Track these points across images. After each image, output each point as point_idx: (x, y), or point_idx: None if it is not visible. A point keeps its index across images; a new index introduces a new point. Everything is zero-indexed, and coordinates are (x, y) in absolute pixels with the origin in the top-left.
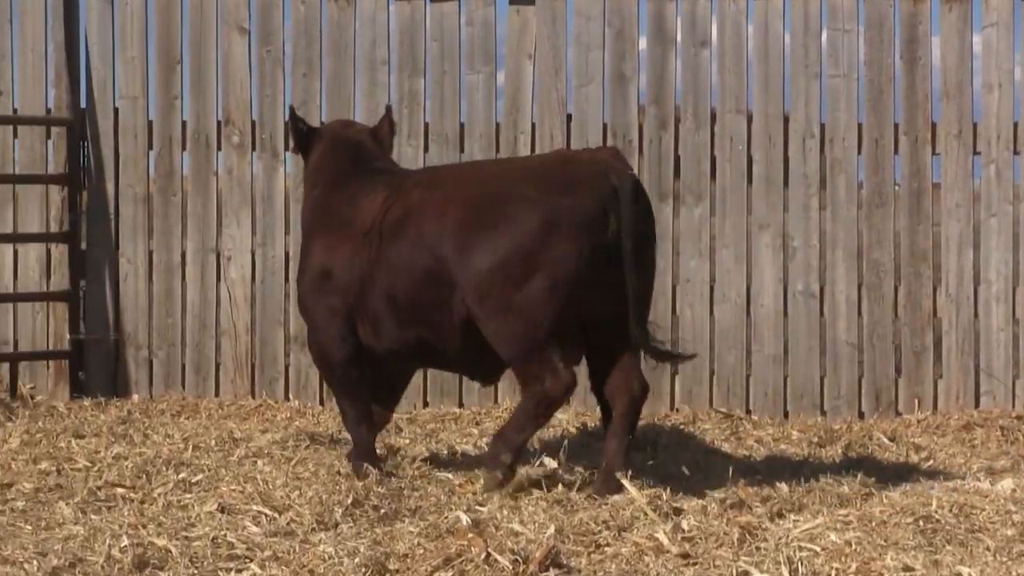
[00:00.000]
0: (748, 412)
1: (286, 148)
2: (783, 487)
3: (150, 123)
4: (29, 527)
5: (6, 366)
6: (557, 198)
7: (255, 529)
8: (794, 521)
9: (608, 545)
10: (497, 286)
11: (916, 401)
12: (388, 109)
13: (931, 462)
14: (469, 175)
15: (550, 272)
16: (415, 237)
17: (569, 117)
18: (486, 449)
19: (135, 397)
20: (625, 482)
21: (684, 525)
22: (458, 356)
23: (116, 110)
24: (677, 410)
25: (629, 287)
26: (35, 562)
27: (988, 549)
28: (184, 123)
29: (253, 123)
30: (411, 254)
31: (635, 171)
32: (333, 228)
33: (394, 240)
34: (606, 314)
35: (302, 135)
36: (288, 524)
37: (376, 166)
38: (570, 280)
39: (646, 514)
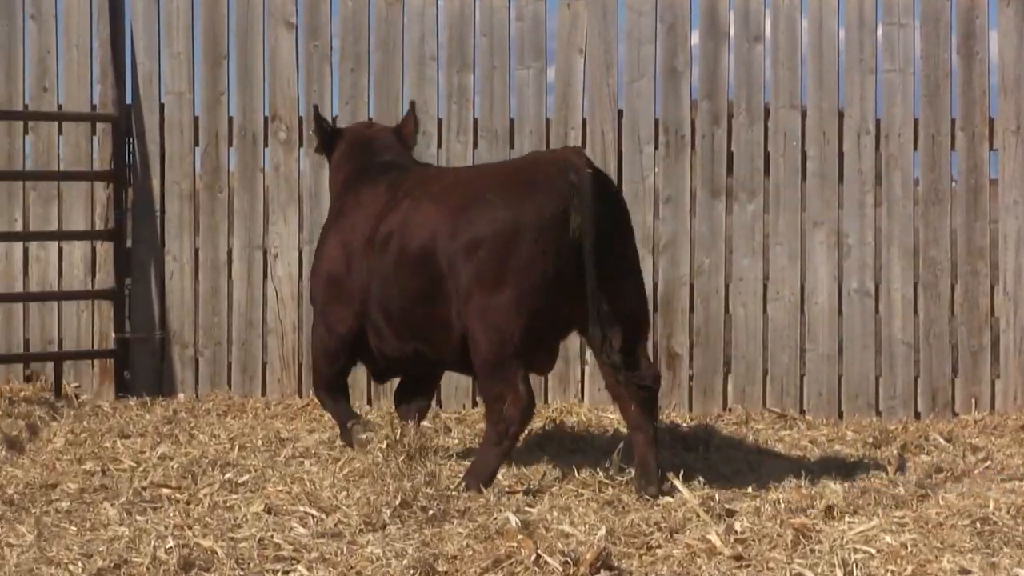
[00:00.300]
0: (802, 412)
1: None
2: (837, 488)
3: (196, 119)
4: (74, 528)
5: (51, 365)
6: (519, 202)
7: (302, 530)
8: (849, 523)
9: (660, 547)
10: (473, 295)
11: (973, 401)
12: (412, 105)
13: (988, 463)
14: (451, 182)
15: (519, 276)
16: (398, 252)
17: (620, 113)
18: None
19: (181, 396)
20: (677, 483)
21: (737, 527)
22: (457, 364)
23: (162, 106)
24: (730, 410)
25: (588, 285)
26: (80, 563)
27: None
28: (231, 119)
29: (300, 119)
30: (397, 269)
31: (601, 168)
32: (343, 231)
33: (384, 253)
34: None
35: (325, 136)
36: (335, 525)
37: (390, 163)
38: (540, 282)
39: (698, 515)
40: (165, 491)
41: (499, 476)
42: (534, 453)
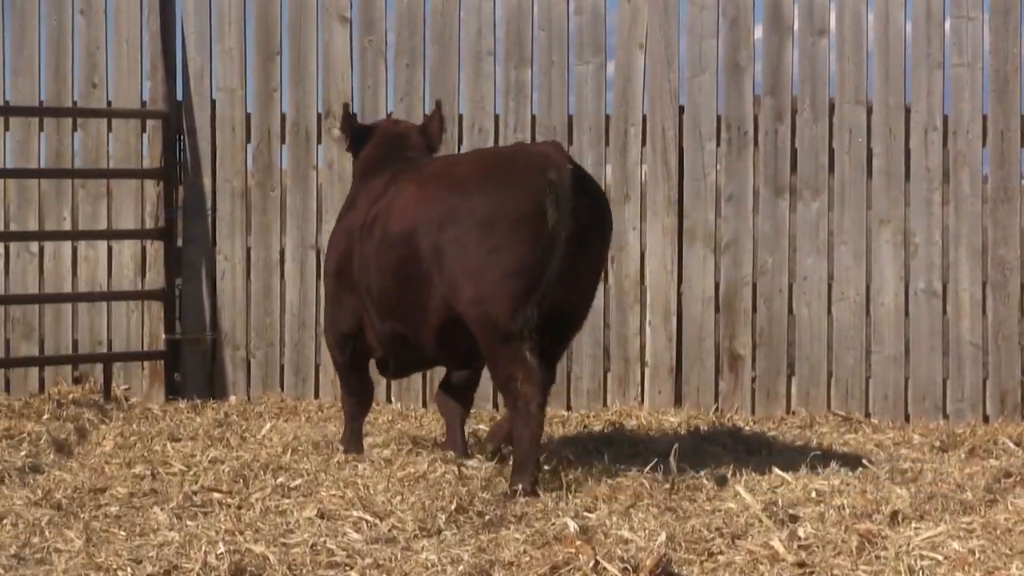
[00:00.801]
0: (867, 415)
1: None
2: (904, 493)
3: (248, 115)
4: (123, 533)
5: (99, 367)
6: (497, 191)
7: (356, 536)
8: (915, 529)
9: (721, 553)
10: (460, 284)
11: None
12: (437, 105)
13: None
14: (435, 169)
15: (504, 261)
16: (381, 235)
17: (681, 109)
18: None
19: (232, 399)
20: (739, 488)
21: (800, 532)
22: (439, 352)
23: (213, 102)
24: (794, 413)
25: (547, 277)
26: (129, 569)
27: None
28: (283, 115)
29: (354, 115)
30: (378, 250)
31: (579, 164)
32: (347, 220)
33: (370, 236)
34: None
35: (355, 134)
36: (390, 530)
37: (404, 158)
38: (522, 267)
39: (761, 521)
40: (216, 495)
41: (556, 481)
42: (592, 457)
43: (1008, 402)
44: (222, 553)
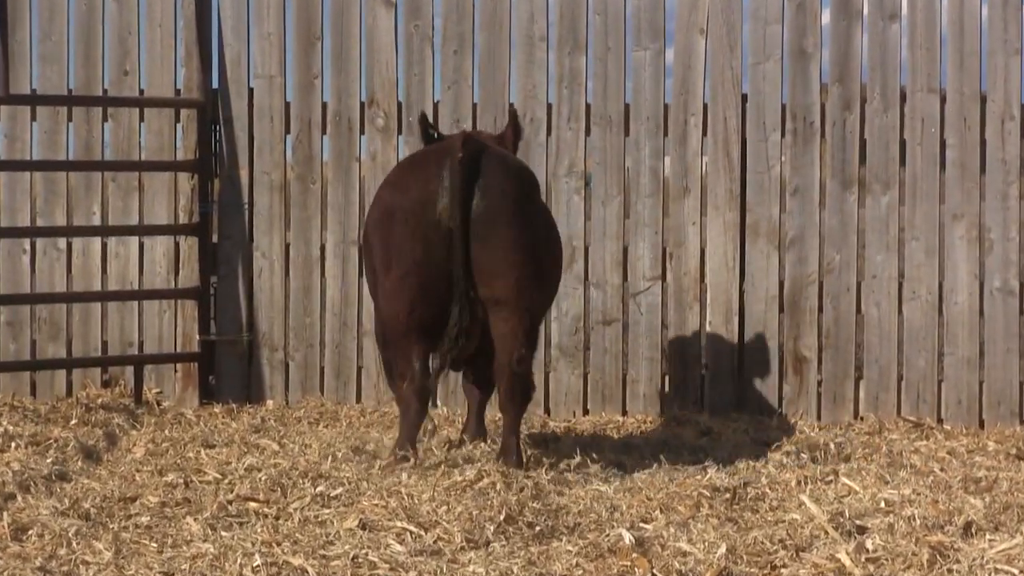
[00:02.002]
0: (940, 421)
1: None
2: (978, 503)
3: (287, 104)
4: (155, 544)
5: (130, 369)
6: (396, 186)
7: (399, 547)
8: (990, 541)
9: (785, 566)
10: (369, 281)
11: None
12: (512, 114)
13: None
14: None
15: (400, 258)
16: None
17: (744, 97)
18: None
19: (270, 403)
20: (804, 498)
21: (868, 545)
22: None
23: (251, 90)
24: (862, 418)
25: (454, 271)
26: None
27: None
28: (324, 104)
29: (399, 104)
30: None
31: (500, 153)
32: None
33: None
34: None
35: (431, 141)
36: (435, 542)
37: None
38: (415, 265)
39: (827, 532)
40: (252, 505)
41: (610, 490)
42: (648, 464)
43: None
44: (259, 566)
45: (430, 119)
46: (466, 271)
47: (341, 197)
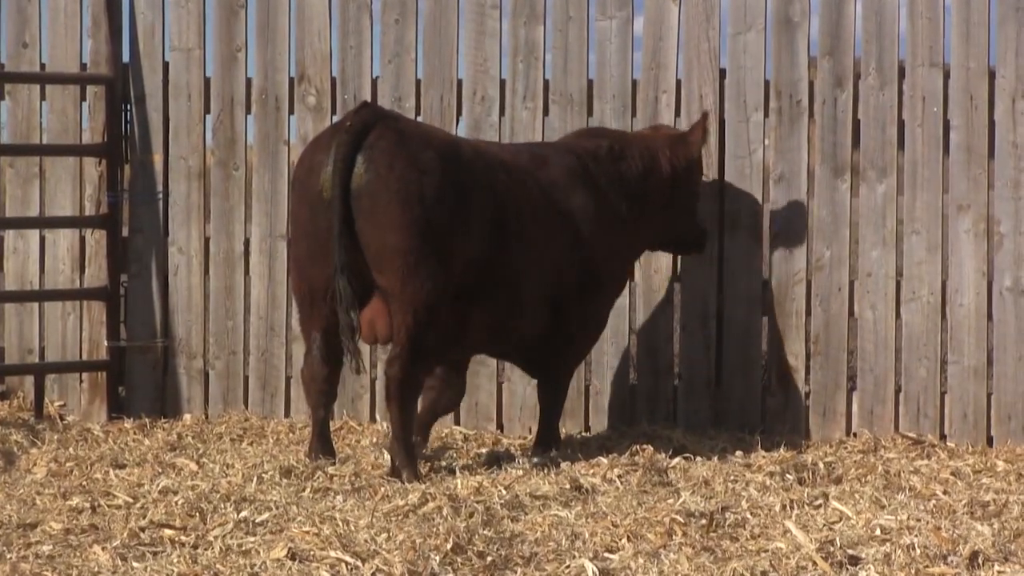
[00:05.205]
0: (943, 437)
1: None
2: (984, 530)
3: (207, 81)
4: None
5: (30, 380)
6: (300, 157)
7: None
8: (999, 572)
9: None
10: None
11: None
12: (704, 115)
13: None
14: None
15: (292, 231)
16: None
17: (723, 73)
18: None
19: (187, 417)
20: (790, 524)
21: None
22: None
23: (166, 65)
24: (855, 435)
25: (334, 254)
26: None
27: None
28: (249, 81)
29: (333, 80)
30: None
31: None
32: None
33: None
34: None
35: None
36: (373, 574)
37: None
38: (303, 239)
39: (815, 563)
40: (167, 532)
41: (571, 516)
42: (614, 486)
43: None
44: None
45: (369, 96)
46: (351, 246)
47: (267, 185)
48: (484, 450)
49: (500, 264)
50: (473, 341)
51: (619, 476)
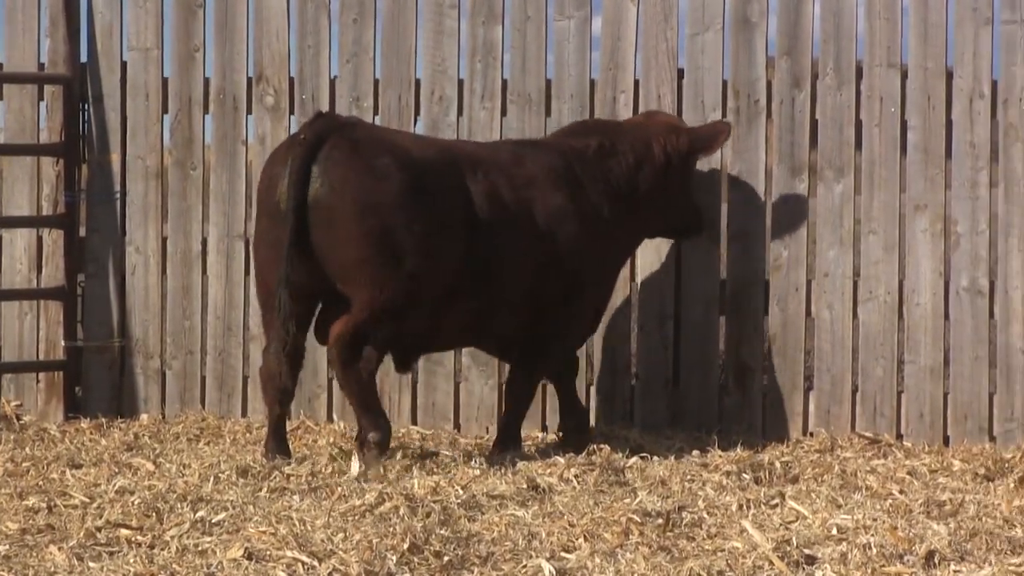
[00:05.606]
0: (899, 437)
1: (331, 111)
2: (941, 529)
3: (165, 80)
4: None
5: None
6: (264, 165)
7: None
8: (955, 572)
9: None
10: None
11: None
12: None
13: None
14: None
15: (254, 244)
16: None
17: (681, 72)
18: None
19: (144, 417)
20: (746, 524)
21: None
22: None
23: (124, 65)
24: (811, 434)
25: (285, 253)
26: None
27: None
28: (207, 80)
29: (291, 80)
30: None
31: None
32: None
33: None
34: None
35: None
36: (330, 574)
37: None
38: (261, 247)
39: (771, 563)
40: (124, 532)
41: (528, 516)
42: (571, 485)
43: None
44: None
45: (327, 96)
46: (303, 259)
47: (225, 185)
48: (441, 450)
49: (472, 264)
50: (448, 339)
51: (576, 476)
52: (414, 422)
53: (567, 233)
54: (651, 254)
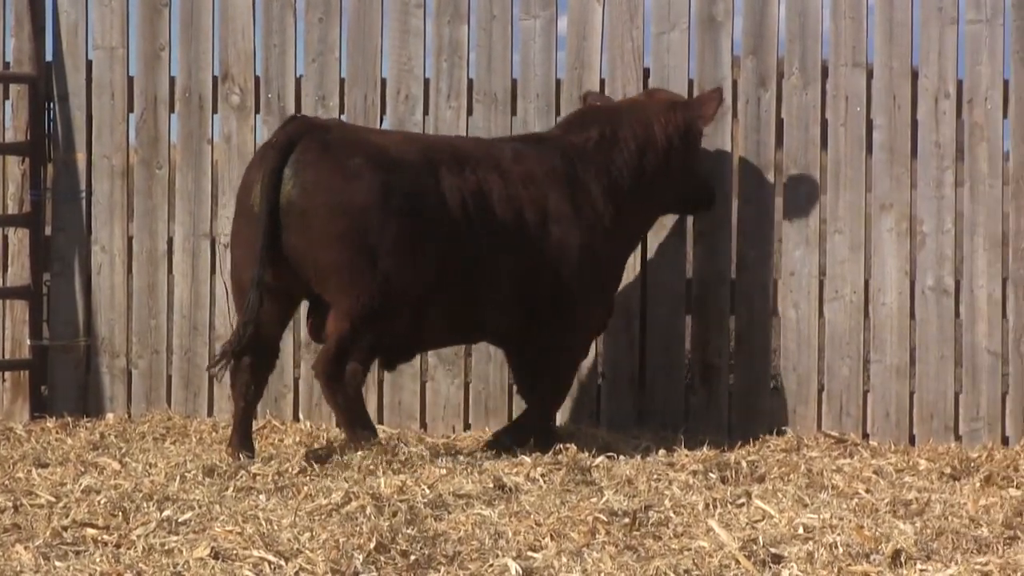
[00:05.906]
0: (865, 436)
1: (297, 110)
2: (907, 528)
3: (131, 79)
4: None
5: None
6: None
7: None
8: (921, 571)
9: None
10: None
11: None
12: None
13: None
14: None
15: (231, 243)
16: None
17: (647, 72)
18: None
19: (110, 417)
20: (713, 523)
21: (785, 575)
22: None
23: (89, 63)
24: (778, 433)
25: (259, 254)
26: None
27: None
28: (172, 79)
29: (257, 79)
30: None
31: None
32: None
33: None
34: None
35: None
36: (297, 573)
37: None
38: (236, 250)
39: (738, 562)
40: (90, 531)
41: (494, 515)
42: (538, 485)
43: None
44: None
45: (292, 95)
46: (275, 262)
47: (191, 184)
48: (408, 448)
49: (457, 261)
50: (434, 337)
51: (543, 475)
52: (380, 421)
53: (566, 233)
54: None
